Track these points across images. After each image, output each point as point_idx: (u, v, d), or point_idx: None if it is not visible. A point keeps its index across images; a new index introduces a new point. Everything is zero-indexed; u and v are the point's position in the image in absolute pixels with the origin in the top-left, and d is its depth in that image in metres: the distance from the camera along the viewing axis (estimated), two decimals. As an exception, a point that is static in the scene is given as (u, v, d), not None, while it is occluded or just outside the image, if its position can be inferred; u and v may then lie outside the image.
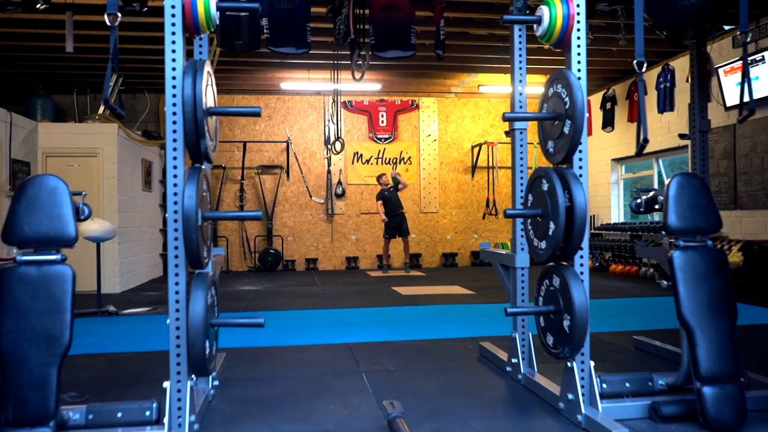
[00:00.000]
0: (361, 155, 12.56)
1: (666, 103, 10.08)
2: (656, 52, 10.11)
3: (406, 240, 11.23)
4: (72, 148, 8.91)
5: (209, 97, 2.57)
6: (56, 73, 10.38)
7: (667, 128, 10.17)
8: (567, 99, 2.66)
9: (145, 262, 10.61)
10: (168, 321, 2.43)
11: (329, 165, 12.13)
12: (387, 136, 12.61)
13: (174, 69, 2.46)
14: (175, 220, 2.36)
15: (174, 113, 2.46)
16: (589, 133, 12.77)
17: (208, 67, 2.53)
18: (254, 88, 11.96)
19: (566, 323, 2.67)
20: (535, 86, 11.30)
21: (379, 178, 11.30)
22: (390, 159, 12.63)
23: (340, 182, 12.42)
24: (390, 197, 11.07)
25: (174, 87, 2.44)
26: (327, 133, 10.87)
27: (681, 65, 9.66)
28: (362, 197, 12.57)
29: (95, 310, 6.54)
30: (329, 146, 10.24)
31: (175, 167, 2.44)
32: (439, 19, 5.58)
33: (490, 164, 12.47)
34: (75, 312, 2.36)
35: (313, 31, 6.71)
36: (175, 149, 2.46)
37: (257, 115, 2.73)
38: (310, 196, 12.39)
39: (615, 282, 9.37)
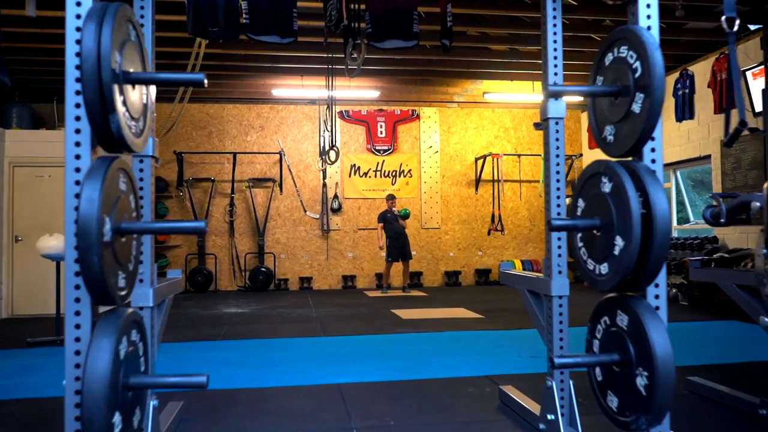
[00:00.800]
0: (359, 168, 11.82)
1: (685, 111, 9.36)
2: (673, 56, 9.43)
3: (407, 264, 10.47)
4: (42, 158, 8.18)
5: (131, 57, 1.80)
6: (34, 79, 9.67)
7: (686, 137, 9.44)
8: (637, 65, 1.90)
9: (124, 282, 9.81)
10: (64, 383, 1.65)
11: (324, 178, 11.37)
12: (386, 147, 11.88)
13: (78, 16, 1.70)
14: (75, 234, 1.58)
15: (77, 79, 1.69)
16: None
17: (128, 14, 1.76)
18: (245, 96, 11.24)
19: (641, 381, 1.88)
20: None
21: (389, 198, 10.54)
22: (389, 172, 11.88)
23: (336, 196, 11.65)
24: (392, 219, 10.33)
25: (78, 42, 1.68)
26: (322, 144, 10.11)
27: (701, 70, 8.97)
28: (360, 212, 11.80)
29: (53, 339, 5.74)
30: (323, 156, 9.48)
31: (77, 157, 1.68)
32: (446, 2, 4.82)
33: (495, 177, 11.72)
34: (29, 341, 1.55)
35: (303, 31, 5.99)
36: (77, 131, 1.69)
37: (200, 84, 1.97)
38: (305, 211, 11.62)
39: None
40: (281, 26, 4.56)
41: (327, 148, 8.67)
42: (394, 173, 11.89)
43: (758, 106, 7.70)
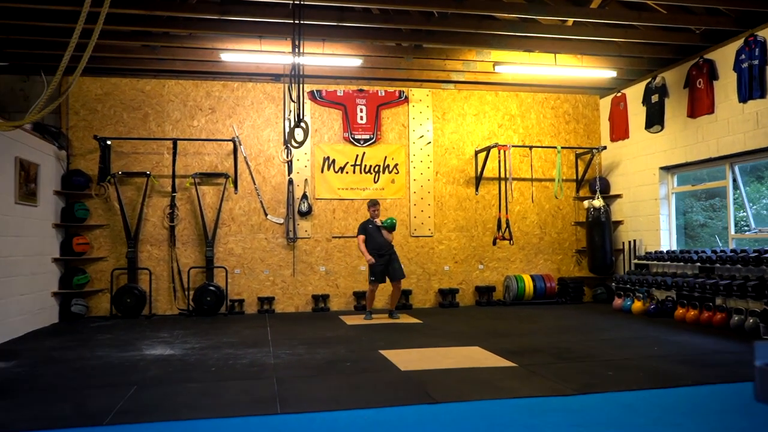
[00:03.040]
0: (334, 161, 9.56)
1: (752, 88, 7.39)
2: (736, 19, 7.44)
3: (397, 285, 8.23)
4: None
5: None
6: None
7: (754, 122, 7.43)
8: None
9: (26, 306, 7.40)
10: None
11: (290, 172, 9.04)
12: (367, 136, 9.65)
13: None
14: None
15: None
16: (624, 135, 10.03)
17: None
18: (191, 69, 8.90)
19: None
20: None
21: (371, 205, 8.28)
22: (371, 167, 9.65)
23: (305, 196, 9.37)
24: (375, 231, 8.09)
25: None
26: (288, 128, 7.77)
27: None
28: (334, 216, 9.53)
29: None
30: (288, 140, 7.15)
31: None
32: None
33: (501, 174, 9.57)
34: None
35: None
36: None
37: None
38: (266, 215, 9.30)
39: (693, 337, 6.48)
40: None
41: (292, 125, 6.32)
42: (376, 168, 9.66)
43: None
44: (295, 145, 6.26)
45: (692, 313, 7.41)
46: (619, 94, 9.92)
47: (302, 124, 5.86)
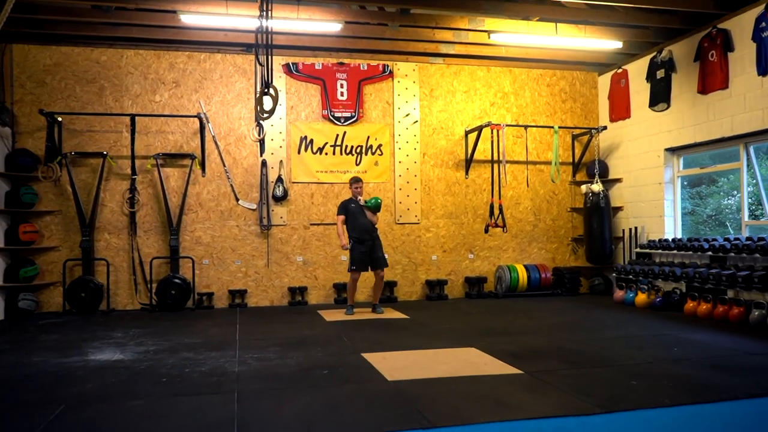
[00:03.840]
0: (311, 141, 8.73)
1: (773, 60, 6.70)
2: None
3: (380, 274, 7.45)
4: None
5: None
6: None
7: (774, 97, 6.74)
8: None
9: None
10: None
11: (262, 152, 8.19)
12: (348, 114, 8.83)
13: None
14: None
15: None
16: (625, 114, 9.29)
17: None
18: (151, 36, 7.99)
19: None
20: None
21: (353, 181, 7.50)
22: (353, 147, 8.84)
23: (280, 179, 8.54)
24: (357, 211, 7.30)
25: None
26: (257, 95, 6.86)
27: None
28: (312, 201, 8.72)
29: None
30: (258, 119, 6.31)
31: None
32: None
33: (494, 157, 8.82)
34: None
35: None
36: None
37: None
38: (237, 200, 8.47)
39: (712, 335, 5.83)
40: None
41: (259, 91, 5.43)
42: (359, 149, 8.86)
43: None
44: (264, 115, 5.42)
45: (705, 307, 6.76)
46: (620, 71, 9.21)
47: (270, 90, 5.02)
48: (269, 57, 5.20)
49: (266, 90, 4.93)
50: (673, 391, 3.79)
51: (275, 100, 5.24)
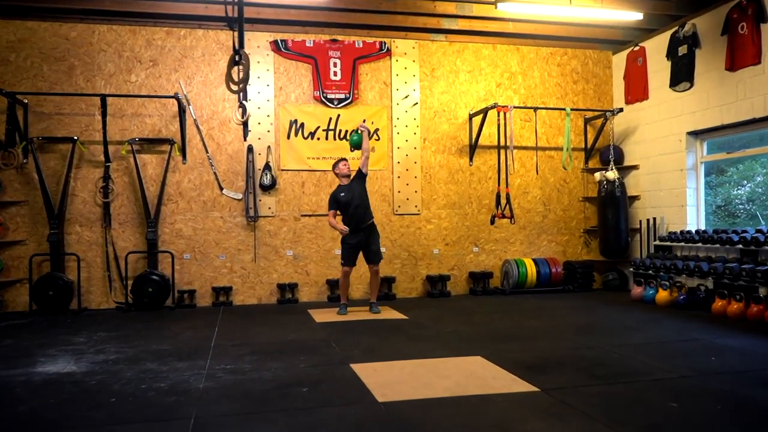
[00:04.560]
0: (302, 125, 8.03)
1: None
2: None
3: (375, 269, 6.76)
4: None
5: None
6: None
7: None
8: None
9: None
10: None
11: (246, 136, 7.47)
12: (342, 96, 8.12)
13: None
14: None
15: None
16: (642, 95, 8.57)
17: None
18: (124, 9, 7.29)
19: None
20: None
21: (335, 165, 6.82)
22: (347, 132, 8.13)
23: (268, 167, 7.85)
24: (349, 200, 6.60)
25: None
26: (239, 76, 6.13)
27: None
28: (303, 191, 8.03)
29: None
30: (241, 101, 5.58)
31: None
32: None
33: (501, 142, 8.11)
34: None
35: None
36: None
37: None
38: (221, 189, 7.79)
39: (752, 341, 5.16)
40: None
41: (229, 60, 4.72)
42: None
43: None
44: (234, 88, 4.71)
45: (736, 306, 6.06)
46: (637, 48, 8.47)
47: (241, 59, 4.30)
48: (242, 14, 4.48)
49: (237, 59, 4.21)
50: (724, 416, 3.11)
51: (246, 67, 4.52)
